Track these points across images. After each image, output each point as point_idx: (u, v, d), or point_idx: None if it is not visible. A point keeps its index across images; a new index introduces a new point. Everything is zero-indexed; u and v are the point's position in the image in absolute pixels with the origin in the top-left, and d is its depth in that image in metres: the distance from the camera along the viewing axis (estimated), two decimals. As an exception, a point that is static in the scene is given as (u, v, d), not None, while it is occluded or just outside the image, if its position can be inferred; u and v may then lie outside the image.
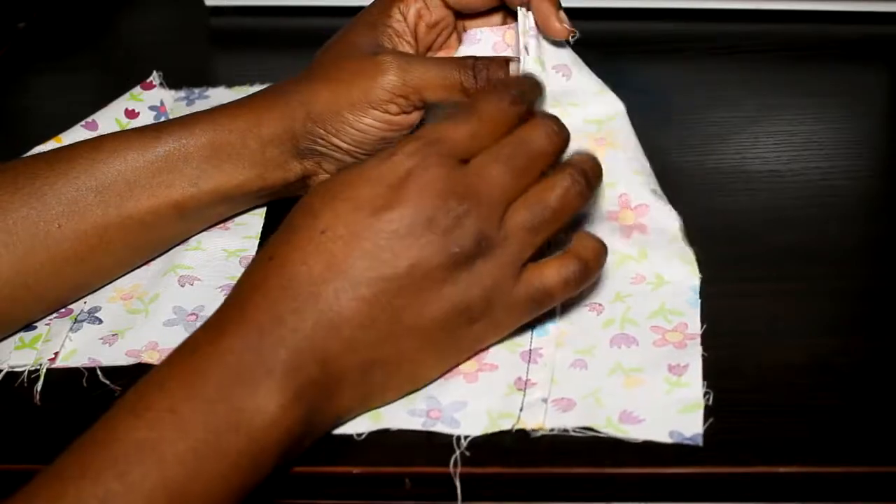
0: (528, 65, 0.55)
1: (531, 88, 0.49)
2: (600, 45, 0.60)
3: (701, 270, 0.54)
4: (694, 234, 0.56)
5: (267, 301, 0.44)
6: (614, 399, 0.48)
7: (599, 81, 0.58)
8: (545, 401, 0.48)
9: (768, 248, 0.56)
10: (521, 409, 0.47)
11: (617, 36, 0.77)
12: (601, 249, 0.49)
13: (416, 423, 0.47)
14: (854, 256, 0.57)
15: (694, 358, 0.49)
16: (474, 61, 0.55)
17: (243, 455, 0.41)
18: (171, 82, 0.69)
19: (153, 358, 0.52)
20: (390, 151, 0.47)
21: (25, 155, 0.60)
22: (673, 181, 0.59)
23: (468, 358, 0.49)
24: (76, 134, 0.63)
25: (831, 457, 0.45)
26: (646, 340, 0.50)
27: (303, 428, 0.43)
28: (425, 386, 0.48)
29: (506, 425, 0.47)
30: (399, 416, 0.47)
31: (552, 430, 0.46)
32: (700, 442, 0.45)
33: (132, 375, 0.51)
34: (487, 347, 0.50)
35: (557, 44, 0.56)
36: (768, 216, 0.59)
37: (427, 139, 0.47)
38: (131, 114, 0.66)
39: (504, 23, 0.59)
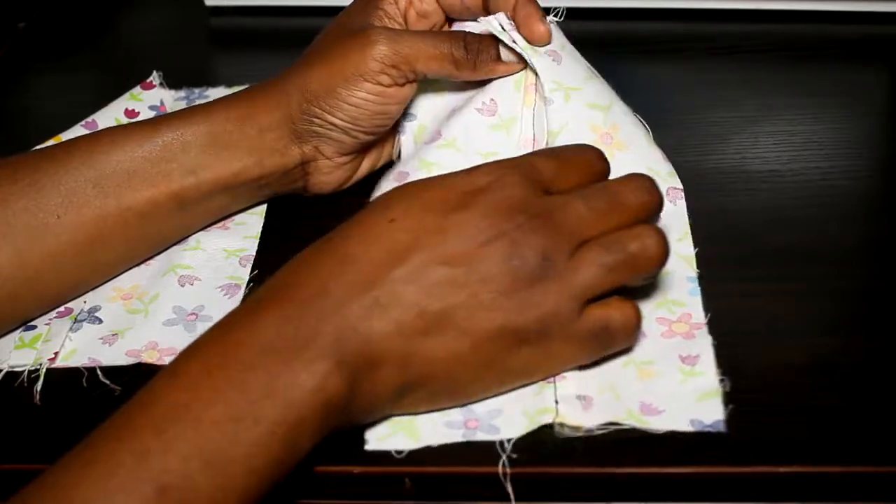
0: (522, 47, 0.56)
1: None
2: (600, 45, 0.61)
3: (701, 270, 0.54)
4: (694, 234, 0.56)
5: (315, 275, 0.44)
6: (631, 392, 0.48)
7: (587, 67, 0.58)
8: (579, 398, 0.47)
9: (768, 248, 0.56)
10: (556, 403, 0.47)
11: (617, 36, 0.78)
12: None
13: (455, 436, 0.46)
14: (854, 256, 0.57)
15: (705, 347, 0.50)
16: (466, 34, 0.56)
17: (279, 424, 0.41)
18: (171, 82, 0.70)
19: (153, 358, 0.52)
20: (474, 166, 0.47)
21: (25, 154, 0.60)
22: (673, 181, 0.59)
23: (511, 389, 0.47)
24: (76, 134, 0.63)
25: (831, 457, 0.45)
26: (654, 332, 0.51)
27: (341, 403, 0.43)
28: (458, 405, 0.47)
29: (546, 420, 0.46)
30: (438, 431, 0.46)
31: (576, 429, 0.46)
32: (722, 428, 0.46)
33: (132, 375, 0.51)
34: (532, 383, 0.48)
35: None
36: (768, 216, 0.59)
37: (513, 162, 0.47)
38: (131, 113, 0.66)
39: None
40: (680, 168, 0.59)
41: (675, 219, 0.56)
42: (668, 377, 0.48)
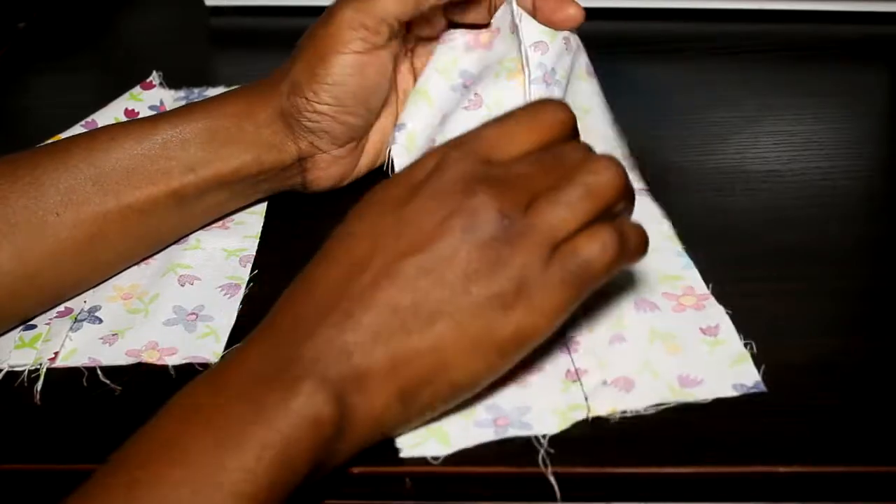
0: (527, 32, 0.56)
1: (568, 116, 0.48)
2: (600, 45, 0.60)
3: (701, 270, 0.54)
4: (694, 234, 0.56)
5: (289, 306, 0.44)
6: (667, 366, 0.48)
7: (583, 64, 0.59)
8: (605, 383, 0.48)
9: (768, 248, 0.56)
10: (586, 399, 0.47)
11: (617, 36, 0.78)
12: (642, 230, 0.46)
13: (487, 435, 0.46)
14: (854, 256, 0.57)
15: (720, 316, 0.50)
16: None
17: (267, 448, 0.40)
18: (171, 82, 0.70)
19: (153, 357, 0.52)
20: (421, 155, 0.47)
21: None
22: (673, 181, 0.59)
23: (516, 358, 0.45)
24: (75, 134, 0.63)
25: (831, 457, 0.45)
26: (665, 306, 0.51)
27: (333, 421, 0.42)
28: (471, 394, 0.46)
29: (579, 416, 0.46)
30: (469, 433, 0.46)
31: (624, 412, 0.46)
32: (763, 388, 0.47)
33: (132, 375, 0.51)
34: (537, 349, 0.46)
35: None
36: (768, 216, 0.59)
37: (457, 140, 0.46)
38: (131, 113, 0.66)
39: (489, 12, 0.60)
40: (680, 168, 0.59)
41: (644, 207, 0.56)
42: (695, 349, 0.49)
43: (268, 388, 0.41)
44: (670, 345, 0.49)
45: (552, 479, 0.44)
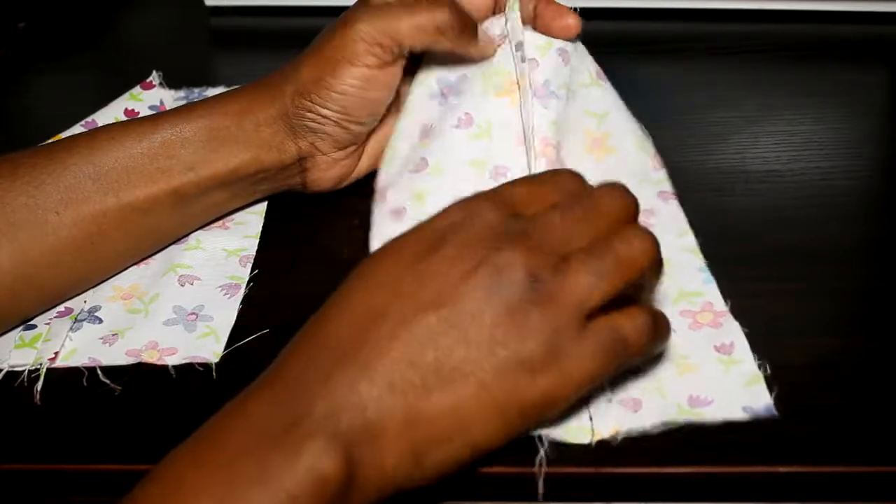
0: (532, 40, 0.57)
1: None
2: (600, 45, 0.60)
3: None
4: (694, 233, 0.56)
5: (300, 356, 0.42)
6: (677, 387, 0.48)
7: (596, 71, 0.59)
8: (611, 401, 0.47)
9: (768, 248, 0.56)
10: (591, 419, 0.47)
11: (617, 36, 0.78)
12: (666, 318, 0.45)
13: None
14: (854, 256, 0.57)
15: (736, 334, 0.50)
16: (449, 3, 0.55)
17: None
18: (171, 82, 0.70)
19: (153, 357, 0.52)
20: (444, 208, 0.44)
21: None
22: (673, 181, 0.59)
23: (539, 424, 0.44)
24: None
25: (831, 457, 0.45)
26: (681, 326, 0.51)
27: (340, 480, 0.39)
28: (488, 453, 0.43)
29: (584, 439, 0.46)
30: None
31: (629, 431, 0.46)
32: (774, 412, 0.46)
33: (132, 375, 0.51)
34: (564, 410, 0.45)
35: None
36: (768, 216, 0.59)
37: (483, 194, 0.44)
38: (131, 113, 0.66)
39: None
40: (680, 168, 0.59)
41: (670, 216, 0.57)
42: (709, 368, 0.49)
43: (274, 445, 0.39)
44: (683, 365, 0.49)
45: (540, 482, 0.44)
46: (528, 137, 0.56)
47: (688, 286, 0.53)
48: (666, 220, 0.56)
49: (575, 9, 0.58)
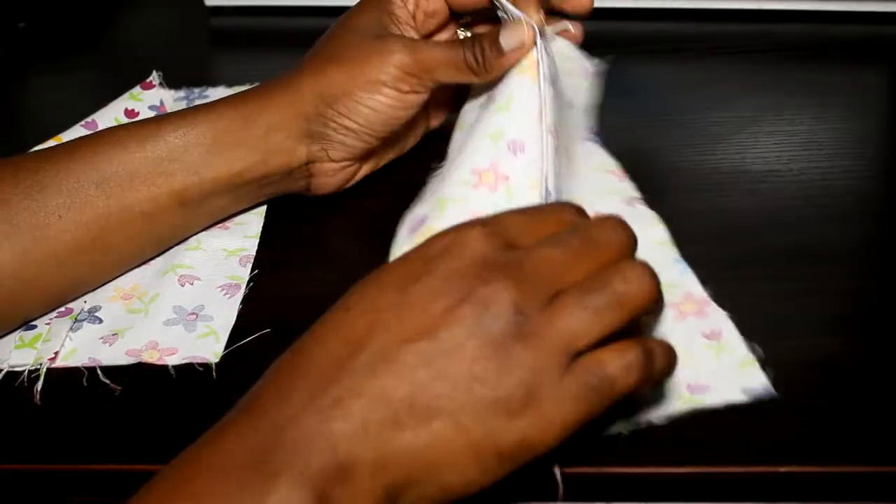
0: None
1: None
2: (600, 45, 0.60)
3: (701, 270, 0.54)
4: (694, 234, 0.56)
5: (274, 384, 0.41)
6: (675, 378, 0.47)
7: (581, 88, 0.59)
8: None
9: (768, 248, 0.56)
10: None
11: (617, 36, 0.77)
12: (669, 347, 0.43)
13: None
14: (854, 256, 0.57)
15: (722, 321, 0.51)
16: (472, 40, 0.56)
17: None
18: (171, 82, 0.70)
19: (153, 357, 0.52)
20: (434, 234, 0.43)
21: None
22: (673, 181, 0.59)
23: (514, 469, 0.41)
24: (76, 133, 0.63)
25: (831, 456, 0.45)
26: (667, 317, 0.50)
27: None
28: (462, 498, 0.40)
29: (590, 435, 0.45)
30: None
31: (637, 424, 0.46)
32: (773, 391, 0.47)
33: (132, 375, 0.51)
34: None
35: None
36: (768, 216, 0.59)
37: (474, 220, 0.43)
38: (131, 113, 0.66)
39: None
40: (680, 168, 0.59)
41: (637, 215, 0.56)
42: (700, 355, 0.49)
43: (244, 482, 0.38)
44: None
45: (558, 476, 0.44)
46: (543, 114, 0.56)
47: (665, 278, 0.53)
48: (635, 216, 0.55)
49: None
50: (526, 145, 0.55)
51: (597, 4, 0.76)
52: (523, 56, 0.56)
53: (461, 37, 0.61)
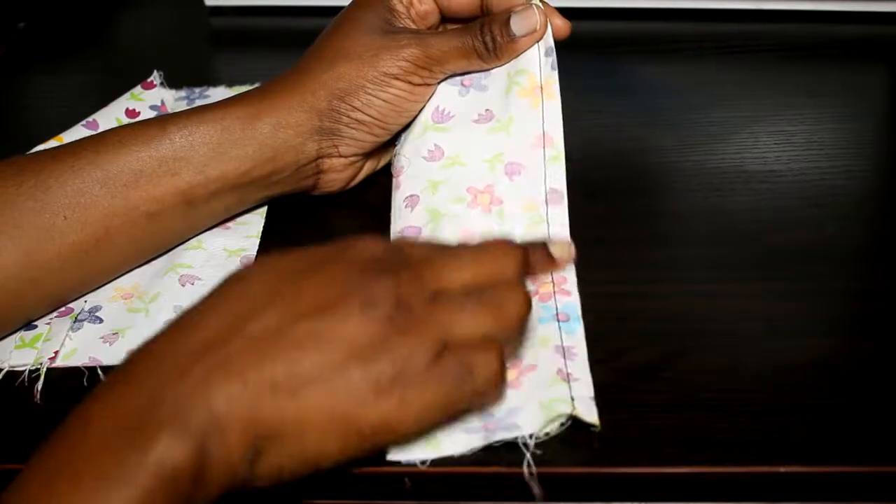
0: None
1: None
2: (600, 45, 0.61)
3: (701, 270, 0.54)
4: (694, 234, 0.56)
5: (164, 341, 0.43)
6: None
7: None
8: (593, 399, 0.47)
9: (768, 248, 0.56)
10: (572, 399, 0.47)
11: (617, 36, 0.78)
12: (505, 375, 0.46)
13: (476, 441, 0.46)
14: (854, 256, 0.57)
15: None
16: (480, 26, 0.57)
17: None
18: (171, 82, 0.70)
19: (153, 357, 0.52)
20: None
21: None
22: (673, 181, 0.59)
23: (373, 451, 0.44)
24: (76, 133, 0.63)
25: (831, 457, 0.45)
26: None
27: (192, 473, 0.40)
28: (318, 469, 0.43)
29: (563, 409, 0.46)
30: (458, 439, 0.46)
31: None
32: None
33: (132, 375, 0.51)
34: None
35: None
36: (768, 216, 0.59)
37: (393, 241, 0.47)
38: (132, 113, 0.66)
39: None
40: (680, 168, 0.59)
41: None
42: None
43: (128, 438, 0.40)
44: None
45: (535, 483, 0.44)
46: (546, 139, 0.57)
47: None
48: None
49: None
50: (523, 169, 0.56)
51: (597, 4, 0.76)
52: (537, 41, 0.57)
53: None
